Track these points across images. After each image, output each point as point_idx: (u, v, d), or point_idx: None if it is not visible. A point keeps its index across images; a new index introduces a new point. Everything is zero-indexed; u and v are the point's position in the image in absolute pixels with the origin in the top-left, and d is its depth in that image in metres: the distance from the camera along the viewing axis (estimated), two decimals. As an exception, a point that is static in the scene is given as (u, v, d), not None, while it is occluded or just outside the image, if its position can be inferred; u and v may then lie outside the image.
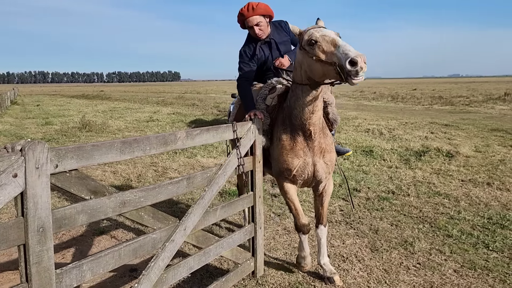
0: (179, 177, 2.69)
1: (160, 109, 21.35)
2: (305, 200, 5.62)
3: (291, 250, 4.04)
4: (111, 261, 2.24)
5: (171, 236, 2.59)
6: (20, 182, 1.80)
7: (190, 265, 2.85)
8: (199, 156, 8.74)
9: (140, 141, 2.38)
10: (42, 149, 1.87)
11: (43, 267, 1.91)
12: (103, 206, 2.18)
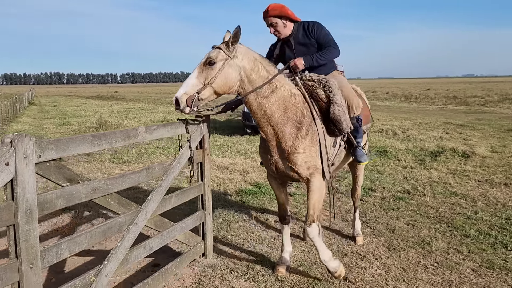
0: (140, 168, 3.07)
1: (174, 110, 21.55)
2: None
3: (308, 248, 4.09)
4: (85, 241, 2.54)
5: (134, 219, 2.91)
6: (11, 170, 2.05)
7: (150, 247, 3.18)
8: (214, 156, 8.83)
9: (107, 135, 2.72)
10: (29, 141, 2.14)
11: (30, 244, 2.17)
12: (78, 192, 2.49)
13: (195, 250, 3.78)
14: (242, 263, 3.77)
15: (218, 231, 4.59)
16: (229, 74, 3.13)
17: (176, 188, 5.33)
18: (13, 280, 2.13)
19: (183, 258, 3.61)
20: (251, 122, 12.45)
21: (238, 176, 7.00)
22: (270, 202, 5.65)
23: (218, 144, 10.56)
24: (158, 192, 3.17)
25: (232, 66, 3.14)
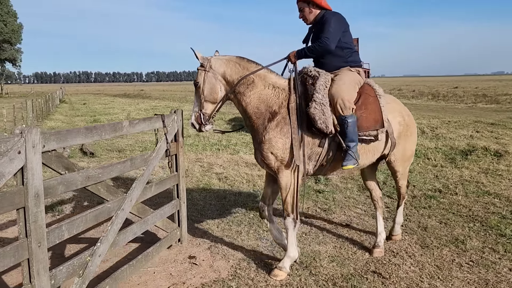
0: (125, 159, 3.39)
1: (199, 108, 21.76)
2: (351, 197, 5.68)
3: (340, 244, 4.13)
4: (81, 224, 2.83)
5: (121, 206, 3.21)
6: (22, 158, 2.32)
7: (134, 231, 3.51)
8: (242, 153, 8.93)
9: (98, 128, 3.04)
10: (36, 132, 2.40)
11: (38, 225, 2.43)
12: (74, 179, 2.79)
13: (171, 236, 4.11)
14: (275, 257, 3.84)
15: (250, 226, 4.68)
16: (212, 85, 3.56)
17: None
18: (24, 257, 2.37)
19: (162, 242, 3.95)
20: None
21: (267, 173, 7.07)
22: (299, 198, 5.68)
23: (245, 142, 10.64)
24: (141, 181, 3.46)
25: (210, 76, 3.56)
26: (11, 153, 2.23)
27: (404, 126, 3.80)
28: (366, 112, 3.54)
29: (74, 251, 4.12)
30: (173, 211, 4.12)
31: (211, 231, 4.54)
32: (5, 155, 2.21)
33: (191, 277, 3.51)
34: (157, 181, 3.84)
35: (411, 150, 4.00)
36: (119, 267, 3.33)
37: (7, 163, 2.21)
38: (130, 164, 3.40)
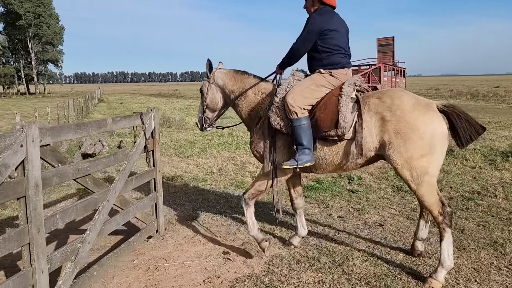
0: (109, 154, 3.75)
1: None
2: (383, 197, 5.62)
3: (373, 244, 4.11)
4: (72, 213, 3.11)
5: (107, 197, 3.47)
6: (24, 151, 2.55)
7: (118, 221, 3.80)
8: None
9: (86, 125, 3.34)
10: (35, 128, 2.65)
11: (38, 212, 2.67)
12: (67, 171, 3.09)
13: (150, 227, 4.40)
14: (308, 255, 3.87)
15: (283, 224, 4.72)
16: (212, 95, 4.11)
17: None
18: (25, 242, 2.60)
19: (142, 233, 4.25)
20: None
21: (300, 172, 7.09)
22: (332, 198, 5.69)
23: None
24: (123, 174, 3.73)
25: (212, 88, 4.11)
26: (14, 146, 2.48)
27: (393, 125, 3.29)
28: (324, 112, 3.49)
29: (71, 240, 4.32)
30: (152, 203, 4.42)
31: (244, 228, 4.63)
32: (10, 148, 2.45)
33: (225, 271, 3.60)
34: (137, 175, 4.14)
35: (418, 151, 3.25)
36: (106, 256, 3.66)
37: (12, 155, 2.46)
38: (114, 159, 3.73)
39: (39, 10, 58.86)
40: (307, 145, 3.46)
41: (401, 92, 3.52)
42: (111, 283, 3.46)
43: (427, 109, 3.32)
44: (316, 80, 3.60)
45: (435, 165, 3.30)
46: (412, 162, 3.26)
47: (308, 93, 3.54)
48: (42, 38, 61.46)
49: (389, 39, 20.12)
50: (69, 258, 3.03)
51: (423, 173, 3.26)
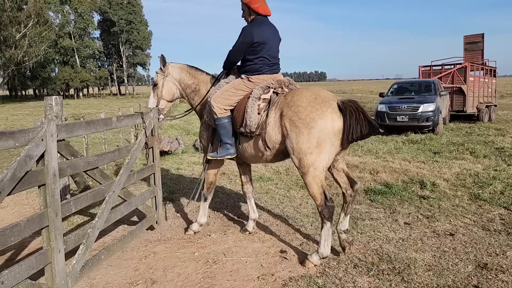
0: (114, 149, 4.05)
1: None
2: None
3: (440, 253, 3.86)
4: (84, 201, 3.44)
5: (112, 188, 3.78)
6: (44, 144, 2.88)
7: (122, 211, 4.07)
8: (345, 154, 8.79)
9: (94, 122, 3.66)
10: (53, 124, 2.99)
11: (55, 198, 2.98)
12: (78, 164, 3.43)
13: (150, 218, 4.69)
14: (367, 260, 3.75)
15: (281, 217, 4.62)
16: (169, 87, 4.47)
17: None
18: (45, 224, 2.92)
19: (143, 223, 4.58)
20: (384, 121, 12.02)
21: (368, 175, 6.88)
22: (400, 203, 5.44)
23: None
24: (127, 168, 4.04)
25: (168, 81, 4.45)
26: (36, 139, 2.80)
27: (289, 118, 3.61)
28: (238, 113, 3.97)
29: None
30: (151, 196, 4.71)
31: (304, 228, 4.61)
32: (33, 141, 2.78)
33: (280, 270, 3.63)
34: (138, 170, 4.47)
35: (306, 144, 3.51)
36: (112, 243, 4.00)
37: (35, 148, 2.79)
38: (118, 154, 4.08)
39: (131, 17, 63.63)
40: (227, 140, 4.02)
41: (304, 90, 3.80)
42: (172, 272, 3.66)
43: (322, 106, 3.57)
44: (235, 85, 4.07)
45: (322, 159, 3.55)
46: (300, 153, 3.58)
47: (228, 95, 4.02)
48: (133, 43, 66.36)
49: (478, 36, 18.61)
50: (81, 241, 3.37)
51: (310, 164, 3.57)
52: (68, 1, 59.29)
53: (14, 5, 40.50)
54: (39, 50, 44.44)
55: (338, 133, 3.55)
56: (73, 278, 3.22)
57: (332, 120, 3.52)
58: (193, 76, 4.50)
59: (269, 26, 4.04)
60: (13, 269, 2.62)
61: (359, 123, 3.52)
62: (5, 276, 2.53)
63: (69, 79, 59.25)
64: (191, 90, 4.49)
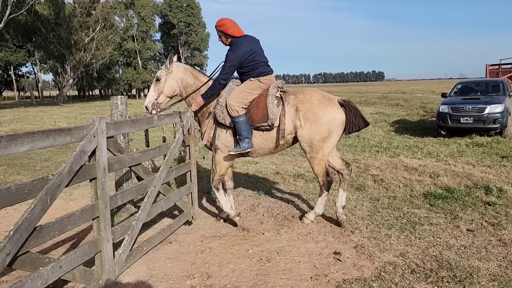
0: (155, 146, 4.30)
1: (362, 109, 21.39)
2: None
3: (507, 263, 3.64)
4: (129, 194, 3.71)
5: (154, 183, 4.01)
6: (96, 140, 3.09)
7: (162, 205, 4.30)
8: (402, 156, 8.51)
9: (138, 121, 3.92)
10: (103, 122, 3.18)
11: (105, 191, 3.20)
12: (124, 160, 3.63)
13: (186, 214, 4.88)
14: (425, 266, 3.62)
15: (402, 231, 4.49)
16: (171, 84, 4.71)
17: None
18: (96, 215, 3.14)
19: (181, 218, 4.76)
20: (446, 123, 11.46)
21: (427, 179, 6.60)
22: (463, 209, 5.18)
23: (407, 145, 10.09)
24: (166, 165, 4.25)
25: (171, 78, 4.70)
26: (89, 136, 3.02)
27: (303, 112, 4.44)
28: (257, 109, 4.51)
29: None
30: (188, 192, 4.92)
31: (359, 231, 4.53)
32: (86, 137, 3.00)
33: (333, 271, 3.60)
34: (176, 167, 4.67)
35: (318, 134, 4.41)
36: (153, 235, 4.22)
37: (88, 144, 3.00)
38: (159, 151, 4.29)
39: (190, 19, 65.60)
40: (246, 135, 4.47)
41: (312, 90, 4.71)
42: (226, 268, 3.75)
43: (329, 103, 4.50)
44: (248, 86, 4.59)
45: (329, 145, 4.51)
46: (313, 141, 4.46)
47: (244, 96, 4.53)
48: (191, 45, 68.38)
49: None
50: (126, 232, 3.59)
51: (319, 150, 4.49)
52: (132, 5, 62.28)
53: (83, 11, 43.26)
54: (105, 53, 47.02)
55: (342, 125, 4.50)
56: (119, 266, 3.45)
57: (337, 114, 4.46)
58: (196, 77, 4.81)
59: (246, 39, 4.63)
60: (70, 255, 2.87)
61: (357, 118, 4.50)
62: (63, 261, 2.78)
63: (131, 79, 62.23)
64: (193, 90, 4.77)
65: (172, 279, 3.58)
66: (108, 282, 3.27)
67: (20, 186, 2.40)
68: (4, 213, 5.41)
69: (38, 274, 2.54)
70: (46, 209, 2.58)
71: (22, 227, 2.38)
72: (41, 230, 2.58)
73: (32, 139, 2.51)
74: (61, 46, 40.38)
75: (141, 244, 3.92)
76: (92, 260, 3.26)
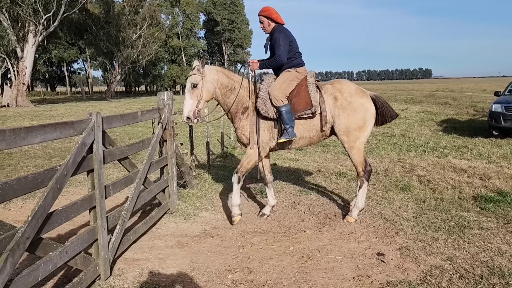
0: (139, 140, 4.56)
1: (408, 107, 20.75)
2: None
3: None
4: (118, 186, 3.88)
5: (139, 176, 4.23)
6: (93, 134, 3.24)
7: (145, 197, 4.53)
8: (451, 157, 8.17)
9: (127, 116, 4.18)
10: (99, 116, 3.35)
11: (101, 182, 3.38)
12: (115, 153, 3.81)
13: (165, 206, 5.15)
14: (475, 272, 3.46)
15: (449, 234, 4.31)
16: (208, 87, 4.66)
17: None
18: (93, 205, 3.31)
19: (160, 209, 5.02)
20: (499, 123, 10.88)
21: (478, 181, 6.30)
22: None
23: (456, 145, 9.68)
24: (148, 158, 4.50)
25: (207, 82, 4.64)
26: (88, 129, 3.18)
27: (340, 102, 4.66)
28: (299, 98, 4.65)
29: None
30: (165, 185, 5.15)
31: (404, 233, 4.40)
32: (86, 131, 3.15)
33: (377, 272, 3.52)
34: (155, 161, 4.86)
35: (355, 123, 4.64)
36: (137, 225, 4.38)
37: (87, 136, 3.17)
38: (142, 144, 4.52)
39: (233, 16, 66.17)
40: (291, 124, 4.60)
41: (345, 81, 4.98)
42: (267, 264, 3.77)
43: (363, 94, 4.77)
44: (287, 77, 4.71)
45: (365, 135, 4.76)
46: (350, 130, 4.66)
47: (285, 86, 4.67)
48: (234, 42, 68.97)
49: None
50: (117, 221, 3.78)
51: (356, 139, 4.70)
52: (178, 3, 63.65)
53: (132, 9, 44.73)
54: (151, 50, 48.41)
55: (374, 116, 4.78)
56: (112, 253, 3.64)
57: (370, 105, 4.72)
58: (228, 76, 4.83)
59: (287, 28, 4.79)
60: (73, 242, 3.06)
61: (389, 111, 4.85)
62: (68, 247, 2.97)
63: (176, 76, 63.66)
64: (228, 89, 4.81)
65: (214, 272, 3.63)
66: (103, 268, 3.46)
67: (35, 176, 2.58)
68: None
69: (49, 258, 2.73)
70: (56, 197, 2.76)
71: (38, 213, 2.56)
72: (51, 217, 2.76)
73: (43, 131, 2.71)
74: (110, 43, 41.98)
75: (128, 234, 4.06)
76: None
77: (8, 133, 2.36)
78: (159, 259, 3.92)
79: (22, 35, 30.21)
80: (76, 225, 4.83)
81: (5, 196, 2.30)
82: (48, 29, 30.44)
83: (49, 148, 10.36)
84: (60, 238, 4.45)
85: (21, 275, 2.45)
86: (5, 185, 2.29)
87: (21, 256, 2.42)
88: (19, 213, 5.33)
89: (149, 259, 3.93)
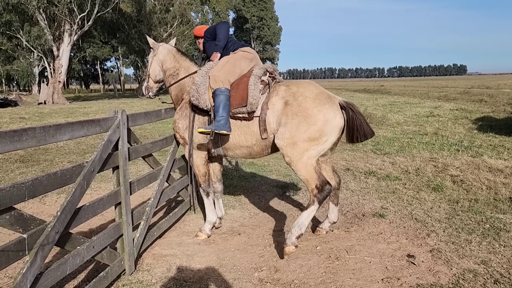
0: (162, 137, 4.55)
1: (441, 105, 20.15)
2: None
3: None
4: (144, 182, 3.97)
5: (162, 173, 4.31)
6: (118, 131, 3.30)
7: (168, 194, 4.59)
8: (486, 156, 7.87)
9: (150, 113, 4.19)
10: (124, 114, 3.40)
11: (126, 178, 3.45)
12: (140, 150, 3.86)
13: (186, 203, 5.18)
14: (511, 277, 3.32)
15: (484, 237, 4.16)
16: (154, 67, 4.49)
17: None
18: (118, 201, 3.38)
19: (183, 205, 5.08)
20: (540, 121, 10.38)
21: (516, 182, 6.04)
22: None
23: (492, 144, 9.32)
24: (171, 156, 4.57)
25: (155, 60, 4.46)
26: (113, 127, 3.23)
27: (291, 108, 3.69)
28: (237, 91, 3.86)
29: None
30: (187, 183, 5.15)
31: (435, 234, 4.27)
32: (111, 128, 3.21)
33: (406, 275, 3.44)
34: (178, 158, 4.90)
35: (306, 134, 3.62)
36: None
37: (113, 134, 3.23)
38: (165, 142, 4.55)
39: (262, 13, 66.19)
40: (224, 114, 3.75)
41: (307, 82, 3.97)
42: (294, 263, 3.74)
43: (327, 101, 3.71)
44: (228, 59, 4.09)
45: (319, 149, 3.71)
46: (297, 141, 3.63)
47: (230, 67, 3.99)
48: (263, 39, 69.01)
49: None
50: (141, 218, 3.85)
51: (303, 151, 3.65)
52: (208, 1, 64.17)
53: (163, 8, 45.42)
54: (181, 47, 49.03)
55: (339, 131, 3.77)
56: (137, 248, 3.71)
57: (335, 116, 3.70)
58: (177, 60, 4.42)
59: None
60: (100, 236, 3.12)
61: (362, 128, 3.78)
62: (95, 241, 3.03)
63: (205, 73, 64.32)
64: (170, 74, 4.43)
65: (240, 270, 3.64)
66: (128, 262, 3.52)
67: (64, 172, 2.65)
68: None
69: (77, 252, 2.80)
70: (83, 193, 2.82)
71: (67, 208, 2.63)
72: (79, 212, 2.83)
73: (71, 129, 2.77)
74: (141, 42, 42.73)
75: (151, 230, 4.11)
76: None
77: (38, 131, 2.43)
78: (187, 256, 3.97)
79: (58, 35, 31.29)
80: (106, 220, 4.96)
81: (36, 191, 2.37)
82: (83, 28, 31.38)
83: (82, 144, 10.68)
84: (92, 232, 4.57)
85: (50, 268, 2.53)
86: (36, 181, 2.36)
87: (50, 250, 2.50)
88: (53, 207, 5.52)
89: (177, 255, 3.98)
